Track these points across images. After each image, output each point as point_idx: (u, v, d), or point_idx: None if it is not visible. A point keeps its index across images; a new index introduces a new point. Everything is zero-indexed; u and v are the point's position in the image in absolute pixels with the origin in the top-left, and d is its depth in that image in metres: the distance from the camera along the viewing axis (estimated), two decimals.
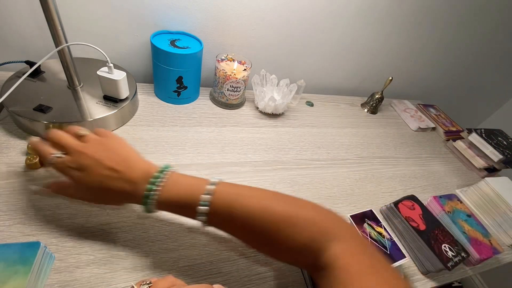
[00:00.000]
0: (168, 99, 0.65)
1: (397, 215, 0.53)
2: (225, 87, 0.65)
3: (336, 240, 0.30)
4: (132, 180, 0.34)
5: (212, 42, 0.70)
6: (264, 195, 0.34)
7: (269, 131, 0.68)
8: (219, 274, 0.39)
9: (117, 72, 0.51)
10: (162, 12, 0.62)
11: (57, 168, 0.35)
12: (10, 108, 0.46)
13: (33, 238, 0.36)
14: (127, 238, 0.40)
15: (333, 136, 0.74)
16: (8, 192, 0.40)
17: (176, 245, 0.41)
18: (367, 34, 0.83)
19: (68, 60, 0.49)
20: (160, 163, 0.51)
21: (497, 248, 0.55)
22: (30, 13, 0.55)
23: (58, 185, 0.37)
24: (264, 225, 0.31)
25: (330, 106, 0.86)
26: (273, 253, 0.34)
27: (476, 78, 1.20)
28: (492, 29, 0.98)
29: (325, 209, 0.34)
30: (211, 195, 0.32)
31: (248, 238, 0.34)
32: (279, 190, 0.53)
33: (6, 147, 0.46)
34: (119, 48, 0.65)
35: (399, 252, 0.45)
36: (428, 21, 0.87)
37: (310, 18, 0.74)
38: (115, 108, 0.53)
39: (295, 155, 0.64)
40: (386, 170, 0.69)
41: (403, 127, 0.89)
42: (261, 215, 0.31)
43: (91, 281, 0.34)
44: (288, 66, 0.84)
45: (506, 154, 0.74)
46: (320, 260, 0.30)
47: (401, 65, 0.99)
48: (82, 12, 0.57)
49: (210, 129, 0.63)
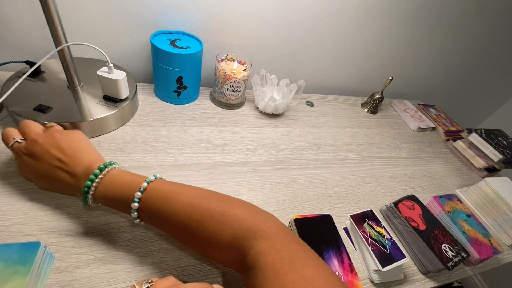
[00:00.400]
0: (168, 99, 0.65)
1: (397, 215, 0.53)
2: (225, 87, 0.65)
3: (261, 238, 0.30)
4: (75, 174, 0.35)
5: (212, 42, 0.70)
6: (196, 194, 0.34)
7: (269, 131, 0.68)
8: (219, 274, 0.39)
9: (117, 72, 0.51)
10: (162, 12, 0.62)
11: (13, 151, 0.38)
12: (10, 108, 0.46)
13: (33, 238, 0.36)
14: (127, 238, 0.40)
15: (333, 136, 0.74)
16: (8, 192, 0.40)
17: (176, 245, 0.41)
18: (367, 34, 0.83)
19: (68, 60, 0.49)
20: (160, 163, 0.52)
21: (497, 248, 0.55)
22: (30, 13, 0.55)
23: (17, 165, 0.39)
24: (191, 222, 0.32)
25: (330, 106, 0.86)
26: (202, 250, 0.34)
27: (476, 78, 1.20)
28: (492, 29, 0.98)
29: (258, 209, 0.34)
30: (142, 193, 0.34)
31: (177, 234, 0.35)
32: (279, 190, 0.54)
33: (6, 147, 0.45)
34: (119, 48, 0.65)
35: (399, 252, 0.45)
36: (428, 21, 0.87)
37: (310, 18, 0.74)
38: (115, 108, 0.53)
39: (295, 155, 0.64)
40: (386, 170, 0.69)
41: (403, 127, 0.89)
42: (188, 212, 0.32)
43: (91, 281, 0.34)
44: (288, 66, 0.84)
45: (506, 154, 0.74)
46: (247, 259, 0.30)
47: (401, 65, 0.99)
48: (82, 12, 0.57)
49: (210, 129, 0.63)
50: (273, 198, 0.52)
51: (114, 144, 0.52)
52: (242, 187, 0.52)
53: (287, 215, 0.50)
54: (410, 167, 0.73)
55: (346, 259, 0.44)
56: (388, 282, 0.45)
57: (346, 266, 0.43)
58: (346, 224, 0.52)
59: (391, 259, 0.44)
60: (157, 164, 0.51)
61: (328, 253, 0.43)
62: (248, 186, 0.53)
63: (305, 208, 0.53)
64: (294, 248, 0.30)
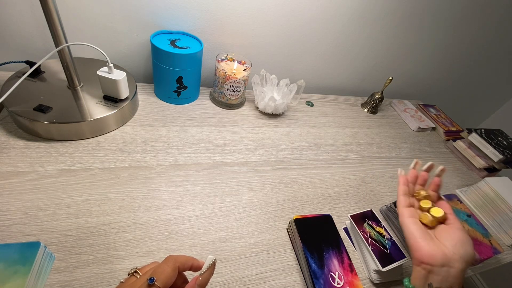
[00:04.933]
0: (168, 99, 0.65)
1: (397, 215, 0.53)
2: (225, 87, 0.65)
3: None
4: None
5: (212, 42, 0.70)
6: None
7: (269, 131, 0.68)
8: (219, 274, 0.39)
9: (117, 72, 0.51)
10: (162, 12, 0.62)
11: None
12: (10, 108, 0.46)
13: (33, 238, 0.36)
14: (127, 238, 0.40)
15: (333, 136, 0.74)
16: (8, 192, 0.40)
17: (176, 245, 0.41)
18: (368, 34, 0.83)
19: (68, 60, 0.49)
20: (160, 163, 0.52)
21: (497, 248, 0.55)
22: (30, 13, 0.55)
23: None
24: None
25: (330, 106, 0.86)
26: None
27: (476, 78, 1.20)
28: (492, 29, 0.98)
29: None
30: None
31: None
32: (279, 190, 0.54)
33: (6, 147, 0.46)
34: (119, 48, 0.65)
35: (399, 252, 0.45)
36: (428, 21, 0.87)
37: (310, 18, 0.74)
38: (115, 108, 0.53)
39: (295, 155, 0.64)
40: (386, 170, 0.69)
41: (403, 127, 0.89)
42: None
43: (91, 281, 0.34)
44: (288, 66, 0.84)
45: (506, 154, 0.74)
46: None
47: (401, 65, 0.99)
48: (82, 12, 0.57)
49: (210, 129, 0.63)
50: (273, 198, 0.52)
51: (114, 144, 0.52)
52: (242, 187, 0.52)
53: (287, 215, 0.50)
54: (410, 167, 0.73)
55: (346, 259, 0.44)
56: (388, 282, 0.45)
57: (346, 266, 0.43)
58: (346, 224, 0.52)
59: (391, 259, 0.44)
60: (157, 164, 0.51)
61: (328, 253, 0.43)
62: (248, 186, 0.53)
63: (305, 208, 0.53)
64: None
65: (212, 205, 0.48)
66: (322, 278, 0.40)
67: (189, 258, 0.29)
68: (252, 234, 0.46)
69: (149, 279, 0.25)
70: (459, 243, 0.34)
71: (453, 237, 0.35)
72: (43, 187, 0.42)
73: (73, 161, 0.47)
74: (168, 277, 0.26)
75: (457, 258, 0.33)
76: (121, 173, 0.48)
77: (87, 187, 0.44)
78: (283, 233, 0.47)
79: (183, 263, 0.29)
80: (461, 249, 0.34)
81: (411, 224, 0.37)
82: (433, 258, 0.33)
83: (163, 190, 0.47)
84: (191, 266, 0.29)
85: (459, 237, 0.35)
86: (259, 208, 0.50)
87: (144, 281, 0.25)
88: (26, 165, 0.44)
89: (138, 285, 0.25)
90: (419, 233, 0.36)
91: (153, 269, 0.27)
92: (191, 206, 0.47)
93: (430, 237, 0.36)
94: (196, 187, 0.50)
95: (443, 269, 0.33)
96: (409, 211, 0.39)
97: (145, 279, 0.26)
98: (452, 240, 0.35)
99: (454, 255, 0.33)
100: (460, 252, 0.34)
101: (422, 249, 0.35)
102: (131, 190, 0.46)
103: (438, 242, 0.35)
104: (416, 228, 0.37)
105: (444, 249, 0.34)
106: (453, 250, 0.34)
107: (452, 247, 0.34)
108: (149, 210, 0.44)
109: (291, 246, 0.46)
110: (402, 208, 0.40)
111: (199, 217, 0.45)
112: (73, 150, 0.49)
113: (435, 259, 0.33)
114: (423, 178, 0.43)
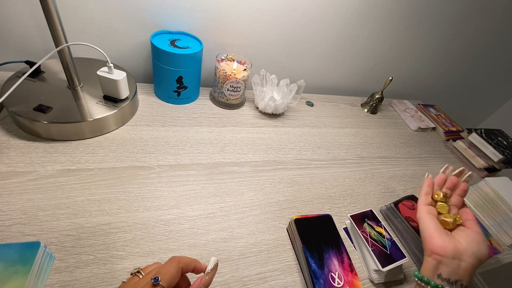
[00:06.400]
0: (168, 99, 0.65)
1: (397, 215, 0.53)
2: (225, 87, 0.65)
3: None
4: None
5: (212, 42, 0.70)
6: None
7: (269, 131, 0.68)
8: (219, 274, 0.39)
9: (117, 72, 0.51)
10: (162, 12, 0.62)
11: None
12: (10, 108, 0.46)
13: (33, 238, 0.36)
14: (127, 238, 0.40)
15: (333, 136, 0.74)
16: (8, 192, 0.40)
17: (176, 245, 0.41)
18: (368, 34, 0.83)
19: (68, 60, 0.49)
20: (160, 163, 0.52)
21: (497, 248, 0.55)
22: (30, 13, 0.55)
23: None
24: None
25: (330, 106, 0.86)
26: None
27: (476, 78, 1.20)
28: (492, 29, 0.98)
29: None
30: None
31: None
32: (279, 190, 0.54)
33: (6, 147, 0.46)
34: (119, 48, 0.65)
35: (399, 252, 0.45)
36: (428, 21, 0.87)
37: (310, 18, 0.74)
38: (115, 108, 0.53)
39: (295, 155, 0.64)
40: (386, 170, 0.69)
41: (403, 127, 0.89)
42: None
43: (91, 281, 0.34)
44: (288, 66, 0.84)
45: (506, 154, 0.74)
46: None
47: (401, 65, 0.99)
48: (82, 12, 0.57)
49: (210, 129, 0.63)
50: (273, 198, 0.52)
51: (114, 144, 0.52)
52: (242, 187, 0.52)
53: (287, 215, 0.50)
54: (410, 167, 0.73)
55: (346, 259, 0.44)
56: (388, 282, 0.45)
57: (346, 266, 0.43)
58: (346, 224, 0.52)
59: (391, 259, 0.44)
60: (157, 164, 0.51)
61: (328, 253, 0.43)
62: (248, 186, 0.53)
63: (305, 208, 0.53)
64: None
65: (212, 205, 0.48)
66: (322, 278, 0.40)
67: (192, 260, 0.30)
68: (252, 234, 0.46)
69: (153, 278, 0.26)
70: (475, 242, 0.35)
71: (469, 237, 0.36)
72: (43, 187, 0.42)
73: (73, 161, 0.47)
74: (172, 277, 0.27)
75: (469, 254, 0.34)
76: (121, 173, 0.48)
77: (87, 187, 0.44)
78: (283, 233, 0.47)
79: (187, 264, 0.29)
80: (475, 247, 0.34)
81: (428, 220, 0.38)
82: (444, 249, 0.34)
83: (163, 190, 0.47)
84: (193, 268, 0.30)
85: (476, 238, 0.36)
86: (259, 208, 0.50)
87: (148, 280, 0.26)
88: (26, 165, 0.44)
89: (142, 285, 0.26)
90: (434, 227, 0.37)
91: (157, 269, 0.27)
92: (191, 206, 0.47)
93: (445, 232, 0.37)
94: (196, 187, 0.50)
95: (454, 261, 0.34)
96: (428, 208, 0.40)
97: (149, 279, 0.26)
98: (467, 238, 0.35)
99: (467, 250, 0.34)
100: (474, 249, 0.34)
101: (435, 240, 0.35)
102: (131, 190, 0.46)
103: (452, 237, 0.36)
104: (433, 223, 0.38)
105: (457, 244, 0.35)
106: (466, 246, 0.34)
107: (466, 243, 0.35)
108: (149, 210, 0.44)
109: (291, 246, 0.46)
110: (422, 205, 0.41)
111: (199, 217, 0.45)
112: (73, 150, 0.49)
113: (447, 251, 0.34)
114: (452, 182, 0.43)
